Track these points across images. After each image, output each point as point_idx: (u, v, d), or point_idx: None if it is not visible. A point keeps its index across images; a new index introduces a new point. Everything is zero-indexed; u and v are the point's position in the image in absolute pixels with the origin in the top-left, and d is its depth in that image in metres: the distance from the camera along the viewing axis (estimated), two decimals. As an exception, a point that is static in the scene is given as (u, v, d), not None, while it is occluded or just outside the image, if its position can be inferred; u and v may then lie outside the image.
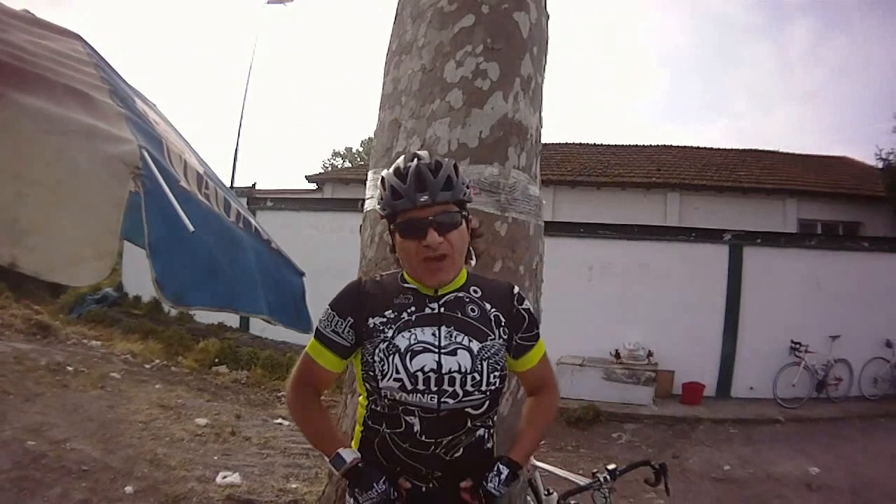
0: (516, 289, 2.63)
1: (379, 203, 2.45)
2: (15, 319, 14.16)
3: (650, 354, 13.40)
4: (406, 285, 2.52)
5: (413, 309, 2.44)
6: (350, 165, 47.78)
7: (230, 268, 2.88)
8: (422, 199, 2.32)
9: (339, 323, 2.47)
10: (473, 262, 2.61)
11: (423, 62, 4.21)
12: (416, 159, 2.39)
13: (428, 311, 2.44)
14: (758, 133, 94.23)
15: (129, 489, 6.22)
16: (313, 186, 26.70)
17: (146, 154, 2.14)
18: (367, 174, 4.50)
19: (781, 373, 13.26)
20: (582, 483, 4.22)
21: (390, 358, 2.35)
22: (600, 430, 11.27)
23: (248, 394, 12.12)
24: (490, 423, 2.51)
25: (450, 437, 2.37)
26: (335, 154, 56.88)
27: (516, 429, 2.70)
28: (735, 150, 25.38)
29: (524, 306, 2.58)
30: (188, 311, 12.18)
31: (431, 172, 2.34)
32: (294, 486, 6.90)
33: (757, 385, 13.54)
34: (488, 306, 2.50)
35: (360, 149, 54.00)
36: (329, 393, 11.99)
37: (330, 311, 2.52)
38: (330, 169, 48.03)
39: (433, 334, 2.38)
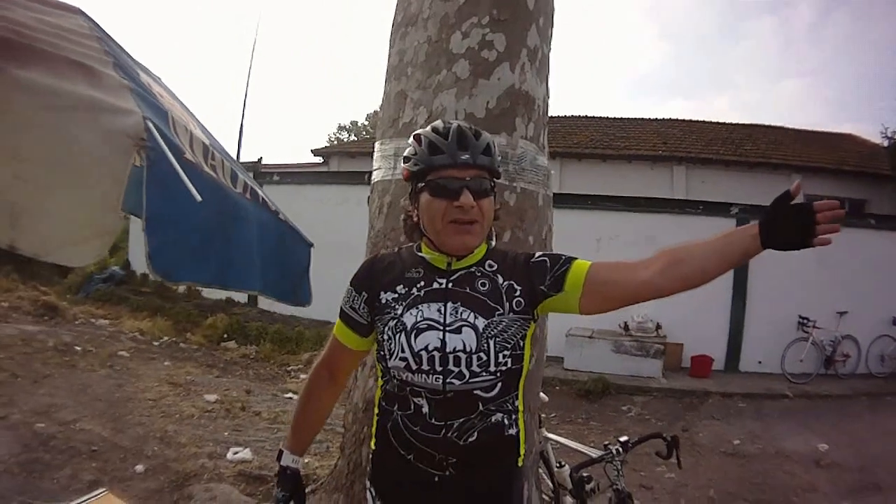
0: (537, 252, 2.42)
1: (410, 159, 2.30)
2: (22, 301, 14.06)
3: (658, 327, 13.43)
4: (420, 256, 2.39)
5: (422, 283, 2.31)
6: (355, 139, 47.42)
7: (226, 243, 2.85)
8: (463, 158, 2.21)
9: (356, 299, 2.40)
10: (494, 243, 2.47)
11: (428, 34, 4.20)
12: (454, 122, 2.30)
13: (436, 285, 2.30)
14: (762, 108, 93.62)
15: (139, 468, 6.19)
16: (319, 160, 26.66)
17: (151, 125, 2.09)
18: (373, 146, 4.49)
19: (790, 348, 13.22)
20: (594, 455, 4.21)
21: (397, 336, 2.24)
22: (610, 403, 11.27)
23: (258, 369, 12.12)
24: (509, 407, 2.31)
25: (461, 420, 2.22)
26: (340, 128, 56.44)
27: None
28: (741, 124, 25.14)
29: (539, 257, 2.36)
30: (176, 286, 12.12)
31: (474, 136, 2.26)
32: (306, 460, 6.73)
33: (765, 359, 13.54)
34: (501, 279, 2.31)
35: (366, 122, 53.56)
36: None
37: (349, 287, 2.45)
38: (335, 143, 47.75)
39: (439, 311, 2.25)
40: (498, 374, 2.22)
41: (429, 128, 2.31)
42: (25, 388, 8.22)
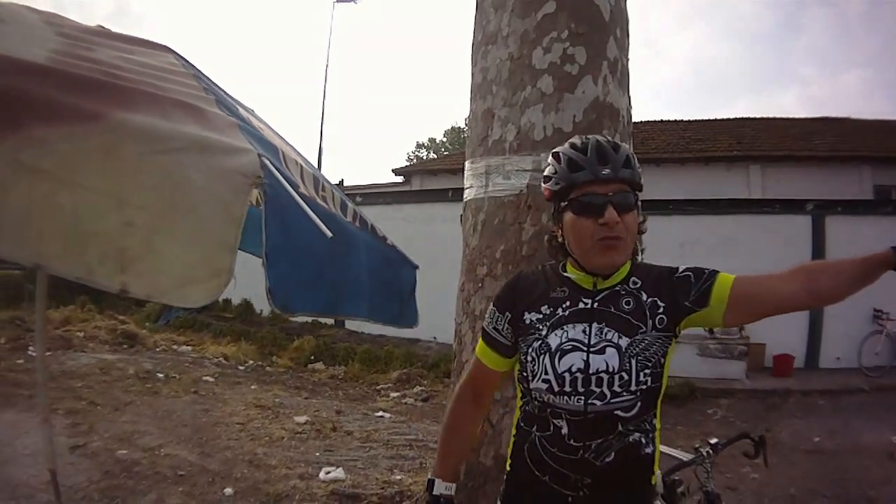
0: (680, 266, 2.29)
1: (550, 178, 2.21)
2: (99, 331, 14.17)
3: (742, 328, 13.12)
4: (565, 275, 2.29)
5: (568, 304, 2.22)
6: (435, 156, 47.31)
7: (338, 273, 2.84)
8: (604, 172, 2.11)
9: (499, 319, 2.33)
10: (640, 258, 2.37)
11: (510, 51, 4.16)
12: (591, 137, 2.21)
13: (581, 305, 2.20)
14: (828, 99, 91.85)
15: (228, 491, 6.14)
16: (400, 179, 26.79)
17: (267, 162, 2.07)
18: (463, 164, 4.50)
19: (866, 341, 13.04)
20: (685, 458, 4.11)
21: (541, 358, 2.15)
22: (696, 407, 11.14)
23: (347, 389, 12.05)
24: (647, 426, 2.20)
25: (599, 441, 2.11)
26: (419, 146, 56.37)
27: None
28: (809, 118, 24.66)
29: (682, 271, 2.25)
30: (293, 317, 12.17)
31: (612, 149, 2.16)
32: (399, 477, 6.76)
33: (843, 355, 13.33)
34: (645, 296, 2.21)
35: (444, 139, 53.64)
36: (429, 383, 11.95)
37: (492, 306, 2.38)
38: (415, 161, 47.63)
39: (584, 331, 2.15)
40: (638, 394, 2.12)
41: (566, 144, 2.24)
42: (106, 416, 8.26)
